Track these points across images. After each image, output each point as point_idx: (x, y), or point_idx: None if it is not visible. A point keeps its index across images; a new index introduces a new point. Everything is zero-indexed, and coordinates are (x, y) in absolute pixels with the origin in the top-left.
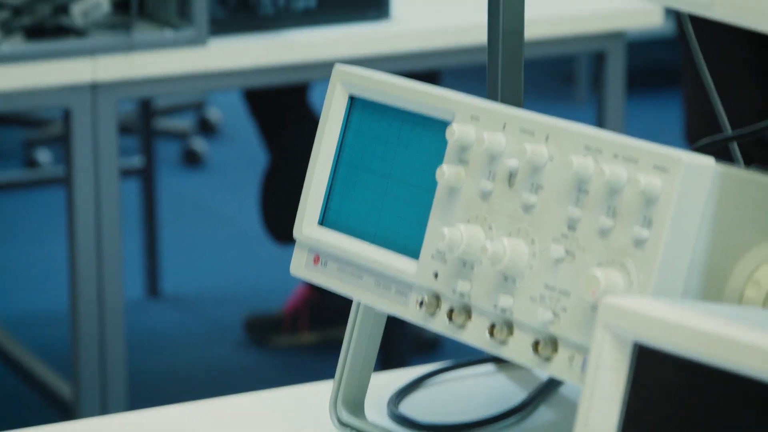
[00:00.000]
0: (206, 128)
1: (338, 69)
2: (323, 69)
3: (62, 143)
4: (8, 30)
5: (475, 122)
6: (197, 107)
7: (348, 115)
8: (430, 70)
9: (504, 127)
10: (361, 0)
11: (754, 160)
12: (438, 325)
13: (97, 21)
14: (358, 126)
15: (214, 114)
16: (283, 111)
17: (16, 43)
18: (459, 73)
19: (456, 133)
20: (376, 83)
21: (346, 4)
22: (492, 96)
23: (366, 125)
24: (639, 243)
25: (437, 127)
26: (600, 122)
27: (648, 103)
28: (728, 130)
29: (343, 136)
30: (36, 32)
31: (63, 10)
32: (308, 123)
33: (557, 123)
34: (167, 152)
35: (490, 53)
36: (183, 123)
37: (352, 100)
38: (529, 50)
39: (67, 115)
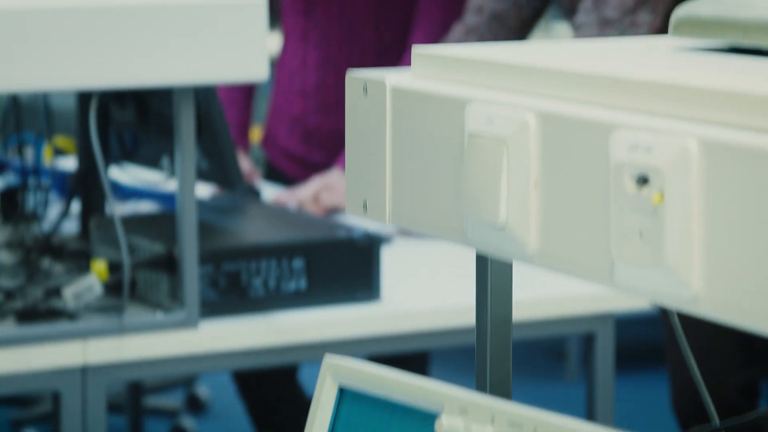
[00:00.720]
0: (195, 406)
1: (328, 361)
2: (314, 350)
3: (50, 422)
4: (0, 314)
5: (464, 415)
6: (186, 384)
7: (337, 407)
8: (420, 350)
9: (492, 420)
10: (352, 282)
11: None
12: None
13: (89, 303)
14: (347, 418)
15: (203, 391)
16: (272, 391)
17: (7, 327)
18: (449, 354)
19: (445, 426)
20: (365, 375)
21: (337, 286)
22: (481, 383)
23: (355, 417)
24: None
25: (426, 419)
26: (590, 400)
27: (637, 379)
28: (715, 420)
29: (333, 428)
30: (28, 315)
31: (55, 292)
32: (298, 403)
33: (545, 417)
34: (156, 431)
35: (479, 341)
36: (172, 401)
37: (342, 392)
38: (518, 331)
39: (56, 397)
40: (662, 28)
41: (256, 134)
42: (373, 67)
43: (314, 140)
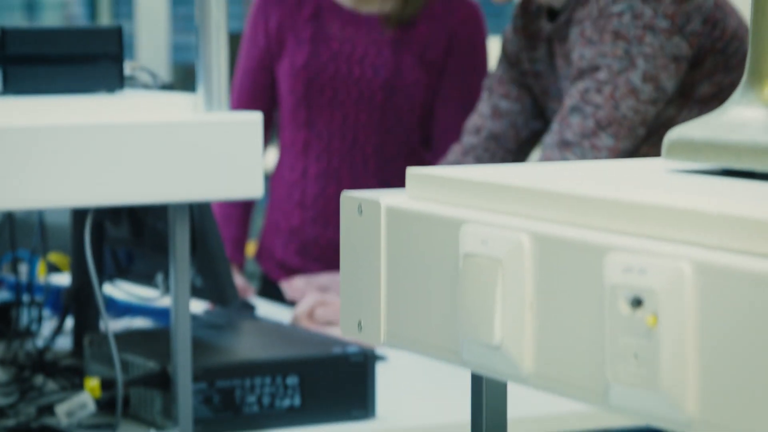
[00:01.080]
0: None
1: None
2: None
3: None
4: None
5: None
6: None
7: None
8: None
9: None
10: (346, 398)
11: None
12: None
13: (82, 421)
14: None
15: None
16: None
17: None
18: None
19: None
20: None
21: (331, 403)
22: None
23: None
24: None
25: None
26: None
27: None
28: None
29: None
30: None
31: (48, 410)
32: None
33: None
34: None
35: None
36: None
37: None
38: None
39: None
40: (627, 153)
41: (250, 248)
42: (376, 177)
43: (311, 252)
